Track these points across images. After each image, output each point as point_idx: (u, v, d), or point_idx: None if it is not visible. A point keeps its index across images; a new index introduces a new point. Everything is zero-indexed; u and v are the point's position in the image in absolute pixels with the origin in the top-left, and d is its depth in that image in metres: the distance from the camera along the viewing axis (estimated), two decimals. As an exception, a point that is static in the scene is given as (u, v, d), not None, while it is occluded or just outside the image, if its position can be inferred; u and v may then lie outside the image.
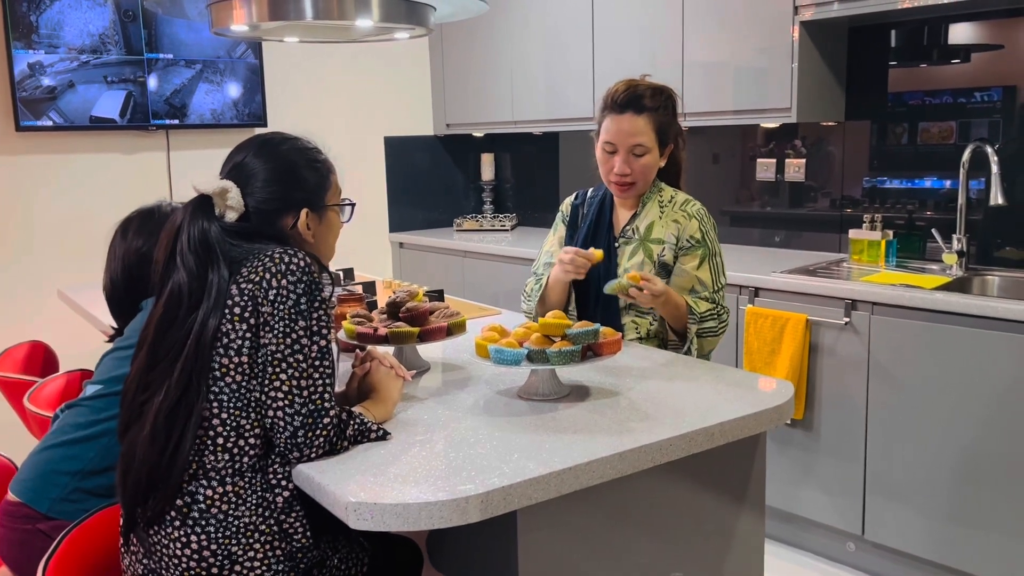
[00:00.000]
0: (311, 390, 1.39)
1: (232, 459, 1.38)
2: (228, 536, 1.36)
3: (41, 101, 3.54)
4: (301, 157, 1.56)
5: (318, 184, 1.57)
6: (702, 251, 2.12)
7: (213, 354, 1.38)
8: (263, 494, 1.39)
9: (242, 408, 1.38)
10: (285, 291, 1.39)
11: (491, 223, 4.63)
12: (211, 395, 1.38)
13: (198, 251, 1.42)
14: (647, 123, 2.08)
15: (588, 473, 1.38)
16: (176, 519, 1.37)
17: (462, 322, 1.95)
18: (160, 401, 1.37)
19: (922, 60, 3.12)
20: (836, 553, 2.94)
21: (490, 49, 4.37)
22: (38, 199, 3.66)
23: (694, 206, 2.16)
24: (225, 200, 1.47)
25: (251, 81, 4.04)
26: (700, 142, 3.81)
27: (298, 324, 1.39)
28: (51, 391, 2.23)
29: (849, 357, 2.76)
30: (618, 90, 2.11)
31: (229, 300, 1.39)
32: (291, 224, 1.54)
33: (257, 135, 1.60)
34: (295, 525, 1.41)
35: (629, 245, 2.16)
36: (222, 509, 1.37)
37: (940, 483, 2.59)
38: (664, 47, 3.48)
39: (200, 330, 1.38)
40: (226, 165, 1.55)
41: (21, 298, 3.64)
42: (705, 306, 2.09)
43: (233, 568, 1.36)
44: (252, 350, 1.38)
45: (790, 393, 1.71)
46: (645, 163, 2.10)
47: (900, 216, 3.20)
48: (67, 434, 1.70)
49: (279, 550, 1.39)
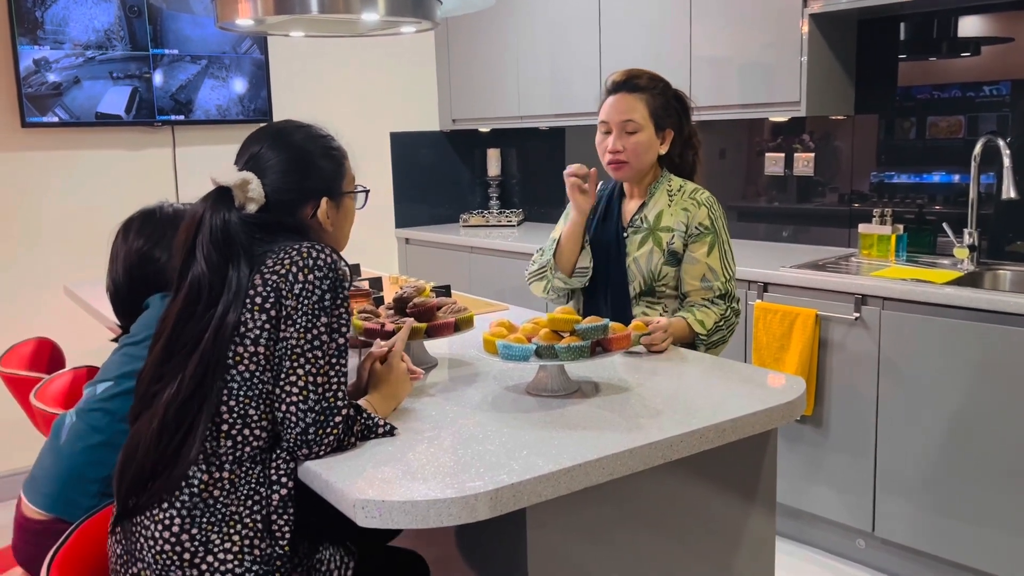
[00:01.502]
0: (326, 387, 1.38)
1: (235, 446, 1.36)
2: (212, 523, 1.34)
3: (47, 97, 3.54)
4: (316, 145, 1.55)
5: (334, 172, 1.57)
6: (711, 237, 2.11)
7: (226, 354, 1.36)
8: (257, 487, 1.38)
9: (251, 398, 1.37)
10: (311, 286, 1.37)
11: (497, 218, 4.61)
12: (222, 383, 1.36)
13: (219, 244, 1.41)
14: (640, 102, 2.10)
15: (598, 470, 1.37)
16: (164, 501, 1.35)
17: (470, 318, 1.94)
18: (172, 393, 1.36)
19: (931, 53, 3.09)
20: (846, 550, 2.92)
21: (496, 43, 4.36)
22: (44, 195, 3.65)
23: (703, 194, 2.16)
24: (246, 192, 1.46)
25: (256, 76, 4.03)
26: (707, 137, 3.76)
27: (320, 320, 1.37)
28: (57, 387, 2.22)
29: (859, 352, 2.74)
30: (617, 75, 2.16)
31: (251, 290, 1.37)
32: (311, 214, 1.53)
33: (270, 124, 1.59)
34: (283, 529, 1.38)
35: (638, 234, 2.15)
36: (213, 495, 1.35)
37: (951, 479, 2.57)
38: (671, 41, 3.46)
39: (219, 324, 1.36)
40: (242, 156, 1.53)
41: (27, 294, 3.64)
42: (713, 318, 2.08)
43: (205, 558, 1.33)
44: (269, 342, 1.37)
45: (801, 389, 1.69)
46: (637, 140, 2.10)
47: (910, 210, 3.18)
48: (86, 440, 1.68)
49: (257, 549, 1.36)
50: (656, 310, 2.14)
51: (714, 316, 2.08)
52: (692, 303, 2.13)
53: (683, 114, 2.19)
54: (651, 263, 2.12)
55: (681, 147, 2.21)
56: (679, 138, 2.19)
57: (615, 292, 2.14)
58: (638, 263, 2.13)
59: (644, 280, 2.13)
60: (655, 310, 2.13)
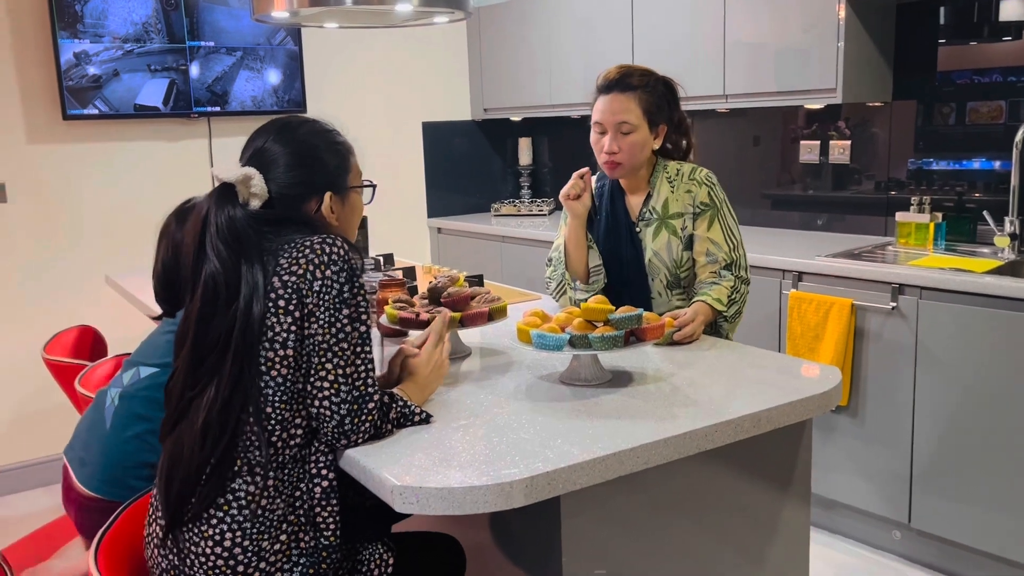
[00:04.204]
0: (355, 377, 1.39)
1: (276, 452, 1.37)
2: (261, 532, 1.36)
3: (87, 90, 3.60)
4: (321, 140, 1.55)
5: (339, 166, 1.56)
6: (711, 212, 2.14)
7: (260, 348, 1.36)
8: (299, 484, 1.39)
9: (287, 402, 1.38)
10: (330, 281, 1.38)
11: (529, 208, 4.61)
12: (260, 384, 1.37)
13: (228, 240, 1.41)
14: (633, 102, 2.09)
15: (632, 459, 1.38)
16: (214, 516, 1.36)
17: (503, 307, 1.95)
18: (212, 396, 1.36)
19: (972, 37, 3.03)
20: (882, 541, 2.90)
21: (528, 32, 4.35)
22: (85, 187, 3.73)
23: (701, 172, 2.17)
24: (249, 187, 1.46)
25: (291, 68, 4.07)
26: (741, 124, 3.76)
27: (342, 313, 1.38)
28: (100, 374, 2.28)
29: (896, 343, 2.71)
30: (609, 73, 2.14)
31: (272, 293, 1.38)
32: (315, 208, 1.52)
33: (275, 119, 1.57)
34: (327, 520, 1.40)
35: (650, 227, 2.16)
36: (261, 504, 1.36)
37: (989, 471, 2.54)
38: (705, 26, 3.43)
39: (245, 321, 1.36)
40: (246, 151, 1.53)
41: (70, 284, 3.72)
42: (725, 292, 2.09)
43: (259, 565, 1.35)
44: (297, 343, 1.38)
45: (837, 379, 1.68)
46: (632, 141, 2.10)
47: (949, 198, 3.12)
48: (133, 428, 1.73)
49: (303, 543, 1.38)
50: (685, 302, 2.14)
51: (725, 290, 2.10)
52: (700, 282, 2.14)
53: (673, 103, 2.17)
54: (671, 253, 2.13)
55: (673, 135, 2.20)
56: (670, 127, 2.18)
57: (634, 290, 2.15)
58: (659, 256, 2.13)
59: (669, 271, 2.13)
60: (685, 302, 2.14)
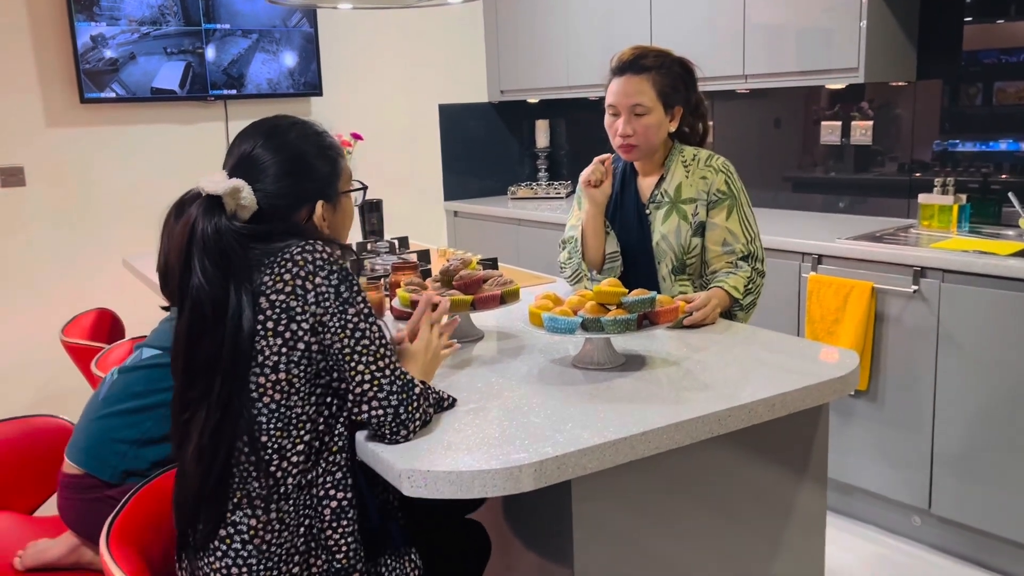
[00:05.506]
0: (391, 368, 1.37)
1: (276, 483, 1.34)
2: (270, 567, 1.34)
3: (104, 73, 3.61)
4: (311, 145, 1.48)
5: (330, 173, 1.50)
6: (729, 202, 2.10)
7: (250, 374, 1.33)
8: (306, 511, 1.37)
9: (283, 428, 1.34)
10: (324, 287, 1.34)
11: (546, 190, 4.58)
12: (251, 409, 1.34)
13: (214, 256, 1.35)
14: (647, 83, 2.06)
15: (643, 443, 1.36)
16: (219, 549, 1.35)
17: (516, 290, 1.93)
18: (204, 419, 1.34)
19: (999, 16, 2.96)
20: (901, 527, 2.87)
21: (545, 12, 4.30)
22: (103, 170, 3.74)
23: (719, 160, 2.14)
24: (237, 200, 1.40)
25: (306, 50, 4.05)
26: (761, 105, 3.70)
27: (350, 312, 1.35)
28: (117, 356, 2.29)
29: (917, 326, 2.67)
30: (623, 54, 2.10)
31: (261, 315, 1.33)
32: (306, 217, 1.47)
33: (262, 120, 1.51)
34: (339, 543, 1.38)
35: (660, 209, 2.13)
36: (265, 539, 1.34)
37: (1010, 456, 2.50)
38: (725, 5, 3.37)
39: (233, 343, 1.32)
40: (232, 154, 1.47)
41: (88, 266, 3.75)
42: (742, 281, 2.06)
43: None
44: (288, 365, 1.33)
45: (855, 363, 1.65)
46: (647, 123, 2.07)
47: (973, 180, 3.06)
48: (123, 403, 1.73)
49: (315, 567, 1.37)
50: (688, 287, 2.12)
51: (743, 279, 2.08)
52: (716, 271, 2.11)
53: (690, 85, 2.14)
54: (680, 237, 2.10)
55: (689, 117, 2.17)
56: (687, 109, 2.15)
57: (641, 272, 2.13)
58: (667, 239, 2.11)
59: (675, 256, 2.11)
60: (688, 287, 2.12)
